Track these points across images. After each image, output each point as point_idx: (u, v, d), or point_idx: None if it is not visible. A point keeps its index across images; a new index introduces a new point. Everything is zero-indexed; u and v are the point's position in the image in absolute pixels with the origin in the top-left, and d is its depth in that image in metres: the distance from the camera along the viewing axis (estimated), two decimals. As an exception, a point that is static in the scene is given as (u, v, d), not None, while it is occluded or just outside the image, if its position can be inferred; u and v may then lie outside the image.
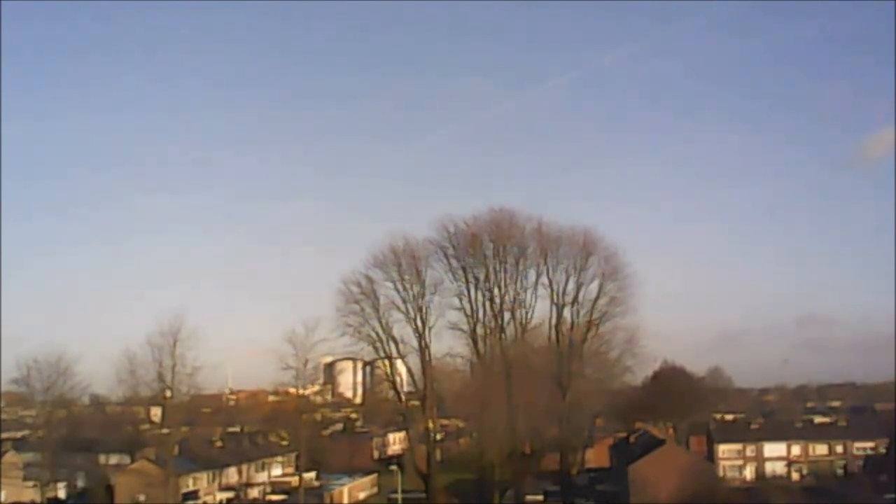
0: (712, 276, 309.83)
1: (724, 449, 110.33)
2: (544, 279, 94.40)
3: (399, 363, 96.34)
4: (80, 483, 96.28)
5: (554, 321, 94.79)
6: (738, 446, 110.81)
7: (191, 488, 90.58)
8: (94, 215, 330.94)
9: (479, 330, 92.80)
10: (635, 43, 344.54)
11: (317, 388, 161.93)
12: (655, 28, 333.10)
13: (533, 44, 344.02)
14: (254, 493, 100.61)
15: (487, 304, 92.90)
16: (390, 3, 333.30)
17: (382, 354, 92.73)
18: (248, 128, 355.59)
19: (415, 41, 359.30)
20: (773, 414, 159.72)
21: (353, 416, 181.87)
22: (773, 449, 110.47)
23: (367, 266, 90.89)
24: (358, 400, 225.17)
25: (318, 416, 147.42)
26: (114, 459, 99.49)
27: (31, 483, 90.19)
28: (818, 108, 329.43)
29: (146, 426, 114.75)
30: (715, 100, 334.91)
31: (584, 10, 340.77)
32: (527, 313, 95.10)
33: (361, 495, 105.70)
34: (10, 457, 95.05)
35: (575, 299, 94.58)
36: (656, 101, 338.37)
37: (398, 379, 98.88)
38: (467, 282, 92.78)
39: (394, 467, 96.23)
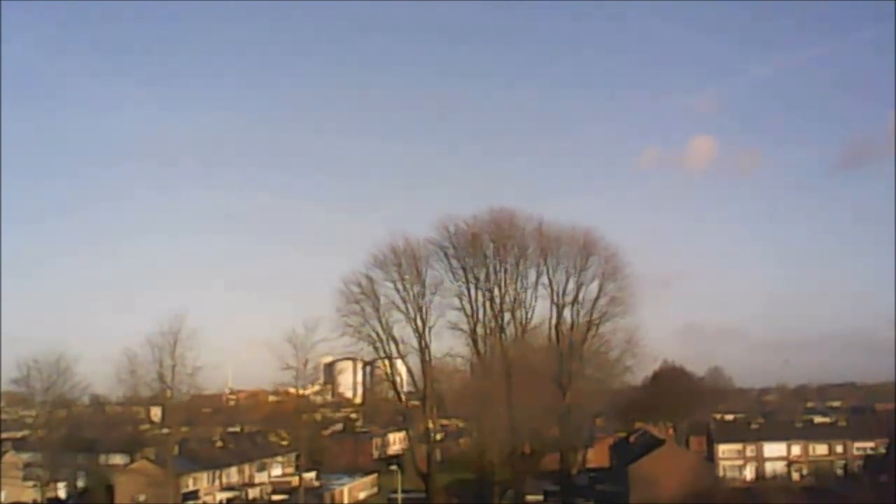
0: (712, 275, 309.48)
1: (724, 449, 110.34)
2: (544, 279, 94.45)
3: (399, 363, 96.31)
4: (81, 483, 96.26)
5: (554, 321, 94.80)
6: (738, 446, 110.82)
7: (191, 488, 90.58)
8: (94, 215, 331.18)
9: (479, 330, 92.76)
10: (631, 36, 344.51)
11: (317, 388, 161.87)
12: (652, 22, 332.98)
13: (530, 43, 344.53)
14: (254, 493, 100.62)
15: (487, 304, 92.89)
16: (390, 4, 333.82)
17: (382, 354, 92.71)
18: (248, 127, 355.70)
19: (414, 42, 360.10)
20: (773, 414, 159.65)
21: (353, 416, 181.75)
22: (773, 449, 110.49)
23: (367, 266, 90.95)
24: (358, 400, 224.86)
25: (318, 416, 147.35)
26: (114, 459, 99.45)
27: (31, 483, 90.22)
28: (818, 107, 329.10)
29: (146, 426, 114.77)
30: (713, 97, 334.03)
31: (580, 9, 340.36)
32: (527, 313, 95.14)
33: (361, 495, 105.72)
34: (10, 457, 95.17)
35: (575, 299, 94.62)
36: (655, 100, 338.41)
37: (398, 379, 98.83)
38: (467, 282, 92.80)
39: (394, 467, 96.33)
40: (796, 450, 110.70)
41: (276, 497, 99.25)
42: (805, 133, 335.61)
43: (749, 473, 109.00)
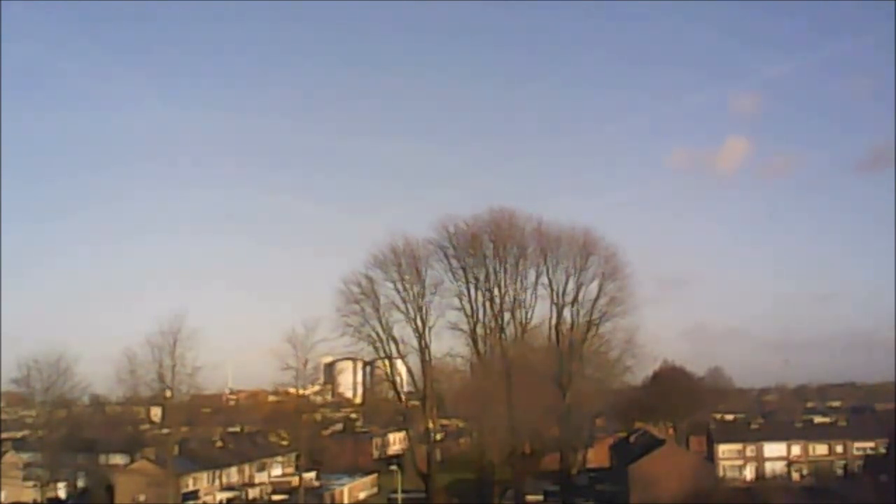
0: (716, 276, 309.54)
1: (724, 449, 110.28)
2: (544, 279, 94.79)
3: (399, 363, 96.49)
4: (81, 483, 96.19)
5: (554, 321, 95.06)
6: (738, 446, 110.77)
7: (191, 488, 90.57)
8: (94, 215, 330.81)
9: (479, 330, 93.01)
10: (624, 39, 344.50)
11: (317, 388, 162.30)
12: (649, 24, 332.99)
13: (530, 44, 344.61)
14: (254, 493, 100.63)
15: (487, 304, 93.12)
16: (390, 4, 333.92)
17: (382, 354, 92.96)
18: (248, 127, 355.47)
19: (414, 41, 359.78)
20: (773, 414, 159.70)
21: (353, 416, 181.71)
22: (773, 449, 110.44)
23: (367, 266, 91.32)
24: (358, 400, 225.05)
25: (318, 416, 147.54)
26: (114, 459, 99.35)
27: (31, 483, 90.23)
28: (821, 109, 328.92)
29: (146, 426, 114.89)
30: (712, 97, 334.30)
31: (576, 10, 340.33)
32: (527, 313, 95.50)
33: (361, 495, 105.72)
34: (10, 457, 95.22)
35: (575, 299, 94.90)
36: (663, 102, 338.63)
37: (398, 379, 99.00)
38: (467, 282, 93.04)
39: (394, 467, 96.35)
40: (796, 450, 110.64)
41: (276, 497, 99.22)
42: (806, 135, 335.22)
43: (749, 473, 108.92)
